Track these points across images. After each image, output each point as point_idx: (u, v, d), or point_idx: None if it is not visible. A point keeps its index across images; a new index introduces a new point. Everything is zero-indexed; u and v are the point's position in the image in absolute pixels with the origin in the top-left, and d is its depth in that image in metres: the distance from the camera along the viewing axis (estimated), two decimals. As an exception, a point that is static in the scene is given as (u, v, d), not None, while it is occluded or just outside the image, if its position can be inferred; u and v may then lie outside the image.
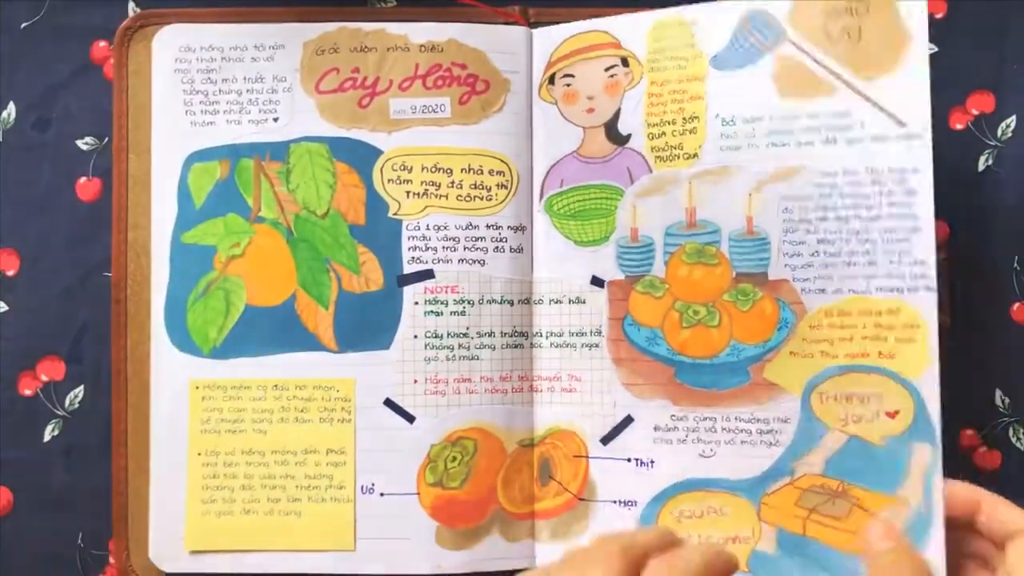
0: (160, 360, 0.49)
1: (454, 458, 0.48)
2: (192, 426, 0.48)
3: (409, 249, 0.49)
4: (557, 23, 0.50)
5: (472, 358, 0.49)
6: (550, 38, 0.50)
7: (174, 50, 0.50)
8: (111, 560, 0.50)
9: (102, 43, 0.52)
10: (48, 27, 0.52)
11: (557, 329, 0.49)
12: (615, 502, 0.48)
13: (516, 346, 0.49)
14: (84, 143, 0.51)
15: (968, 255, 0.52)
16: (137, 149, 0.50)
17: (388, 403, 0.48)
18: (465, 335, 0.49)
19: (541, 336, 0.49)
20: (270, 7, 0.51)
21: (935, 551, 0.40)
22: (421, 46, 0.50)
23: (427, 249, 0.49)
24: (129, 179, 0.50)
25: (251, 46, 0.50)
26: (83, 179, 0.51)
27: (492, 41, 0.50)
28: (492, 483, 0.48)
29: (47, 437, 0.50)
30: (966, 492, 0.40)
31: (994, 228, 0.52)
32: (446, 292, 0.49)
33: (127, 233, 0.50)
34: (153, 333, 0.49)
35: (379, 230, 0.49)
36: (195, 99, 0.50)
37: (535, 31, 0.51)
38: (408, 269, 0.49)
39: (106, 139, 0.51)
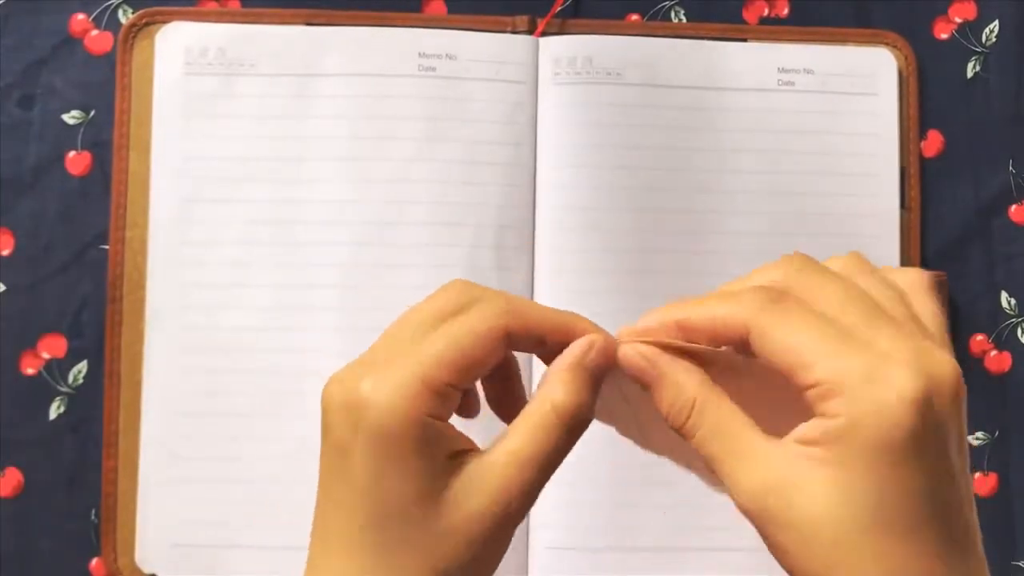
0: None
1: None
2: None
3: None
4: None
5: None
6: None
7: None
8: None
9: (80, 16, 0.51)
10: (23, 4, 0.51)
11: None
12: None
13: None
14: (70, 117, 0.51)
15: (961, 164, 0.52)
16: (138, 148, 0.49)
17: None
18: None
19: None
20: (277, 8, 0.50)
21: None
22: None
23: None
24: (130, 178, 0.49)
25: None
26: (72, 153, 0.51)
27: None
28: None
29: (53, 415, 0.49)
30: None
31: (987, 133, 0.52)
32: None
33: (125, 232, 0.49)
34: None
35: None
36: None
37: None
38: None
39: (92, 112, 0.51)
